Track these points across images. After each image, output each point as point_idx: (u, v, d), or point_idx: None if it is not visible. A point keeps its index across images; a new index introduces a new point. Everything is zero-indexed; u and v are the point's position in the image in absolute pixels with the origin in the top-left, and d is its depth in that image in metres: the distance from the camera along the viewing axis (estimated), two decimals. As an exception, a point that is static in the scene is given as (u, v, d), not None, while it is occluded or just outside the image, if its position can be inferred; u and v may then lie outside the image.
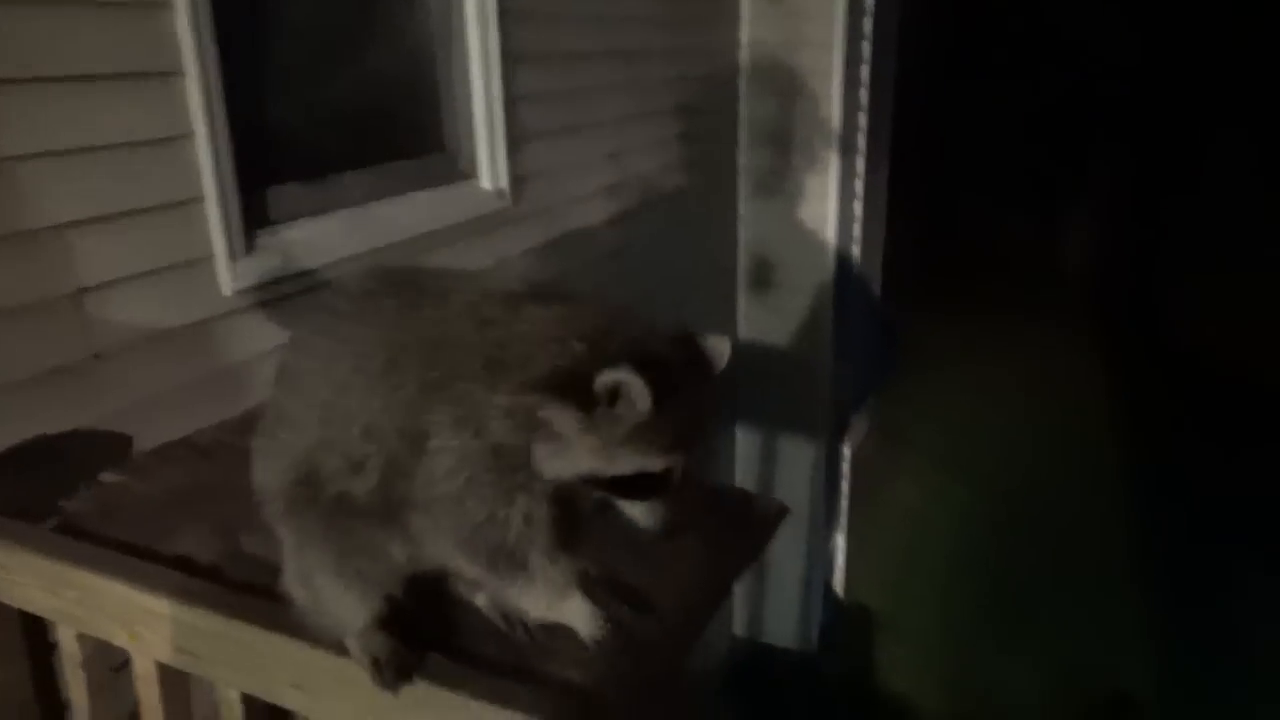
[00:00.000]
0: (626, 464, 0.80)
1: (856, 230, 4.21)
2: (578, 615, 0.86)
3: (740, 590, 4.04)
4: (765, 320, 3.90)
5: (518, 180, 2.38)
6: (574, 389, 0.76)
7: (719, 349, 0.86)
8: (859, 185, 4.07)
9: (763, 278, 3.84)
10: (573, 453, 0.79)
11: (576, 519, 0.89)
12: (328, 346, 0.91)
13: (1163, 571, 4.51)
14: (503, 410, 0.79)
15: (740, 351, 3.85)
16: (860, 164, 4.01)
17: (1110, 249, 8.05)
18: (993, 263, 7.94)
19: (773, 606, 4.07)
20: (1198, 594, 4.35)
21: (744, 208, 3.84)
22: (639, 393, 0.76)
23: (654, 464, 0.81)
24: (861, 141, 3.96)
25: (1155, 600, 4.34)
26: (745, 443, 3.95)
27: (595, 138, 2.88)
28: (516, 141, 2.36)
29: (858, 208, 4.15)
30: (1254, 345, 6.24)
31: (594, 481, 0.81)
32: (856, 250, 4.22)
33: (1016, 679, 3.98)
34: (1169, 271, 7.46)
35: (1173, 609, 4.28)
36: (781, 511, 1.24)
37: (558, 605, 0.86)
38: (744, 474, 3.93)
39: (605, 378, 0.75)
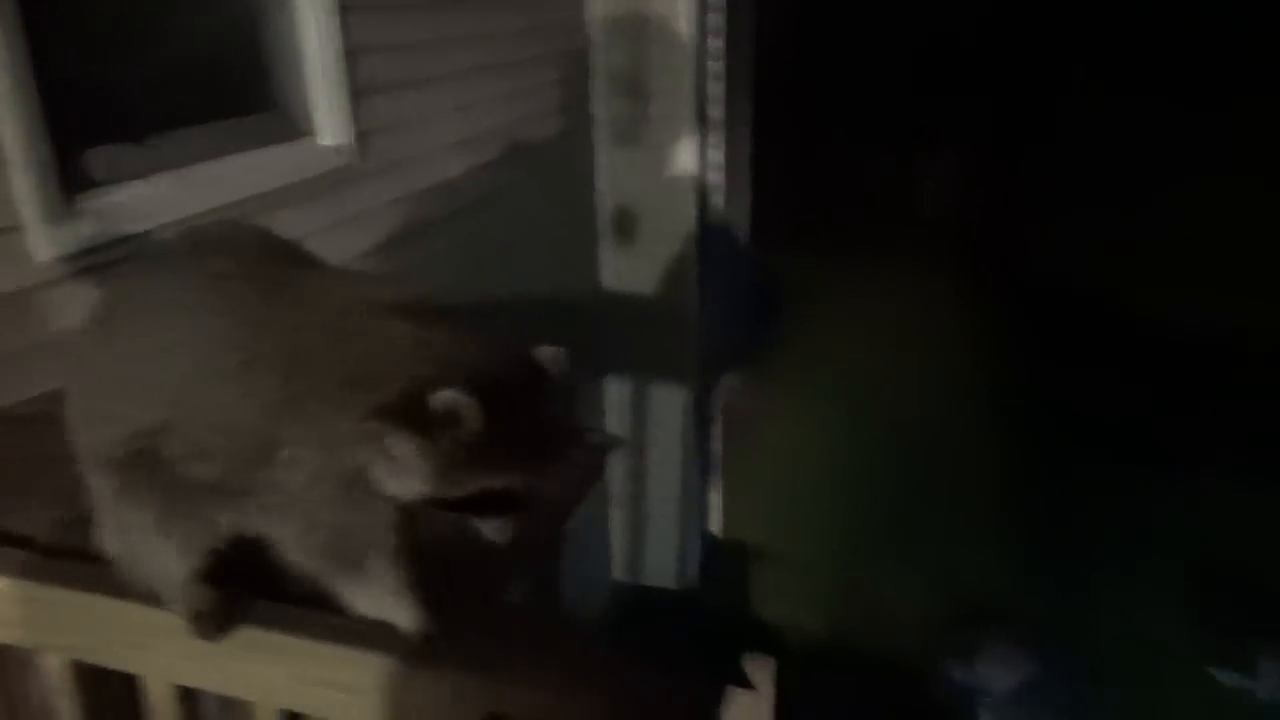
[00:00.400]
0: (466, 486, 0.82)
1: (720, 177, 4.28)
2: (406, 620, 0.88)
3: (618, 537, 4.14)
4: (630, 270, 3.95)
5: (364, 135, 2.33)
6: (413, 414, 0.79)
7: (554, 359, 0.89)
8: (720, 132, 4.14)
9: (625, 228, 3.89)
10: (413, 477, 0.81)
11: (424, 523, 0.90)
12: (175, 325, 0.89)
13: (1033, 487, 4.85)
14: (351, 435, 0.80)
15: (605, 302, 3.94)
16: (720, 110, 4.07)
17: (979, 186, 8.39)
18: (865, 203, 8.20)
19: (652, 550, 4.19)
20: (1066, 506, 4.69)
21: (603, 158, 3.85)
22: (472, 414, 0.78)
23: (494, 483, 0.83)
24: (719, 88, 4.01)
25: (1026, 514, 4.67)
26: (615, 392, 4.01)
27: (446, 90, 2.84)
28: (360, 95, 2.31)
29: (720, 154, 4.21)
30: (1112, 275, 6.67)
31: (439, 503, 0.84)
32: (721, 197, 4.30)
33: (896, 594, 4.24)
34: (1032, 207, 7.85)
35: (1042, 520, 4.62)
36: (610, 442, 1.29)
37: (388, 609, 0.88)
38: (614, 423, 4.00)
39: (438, 401, 0.78)
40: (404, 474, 0.80)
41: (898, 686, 3.78)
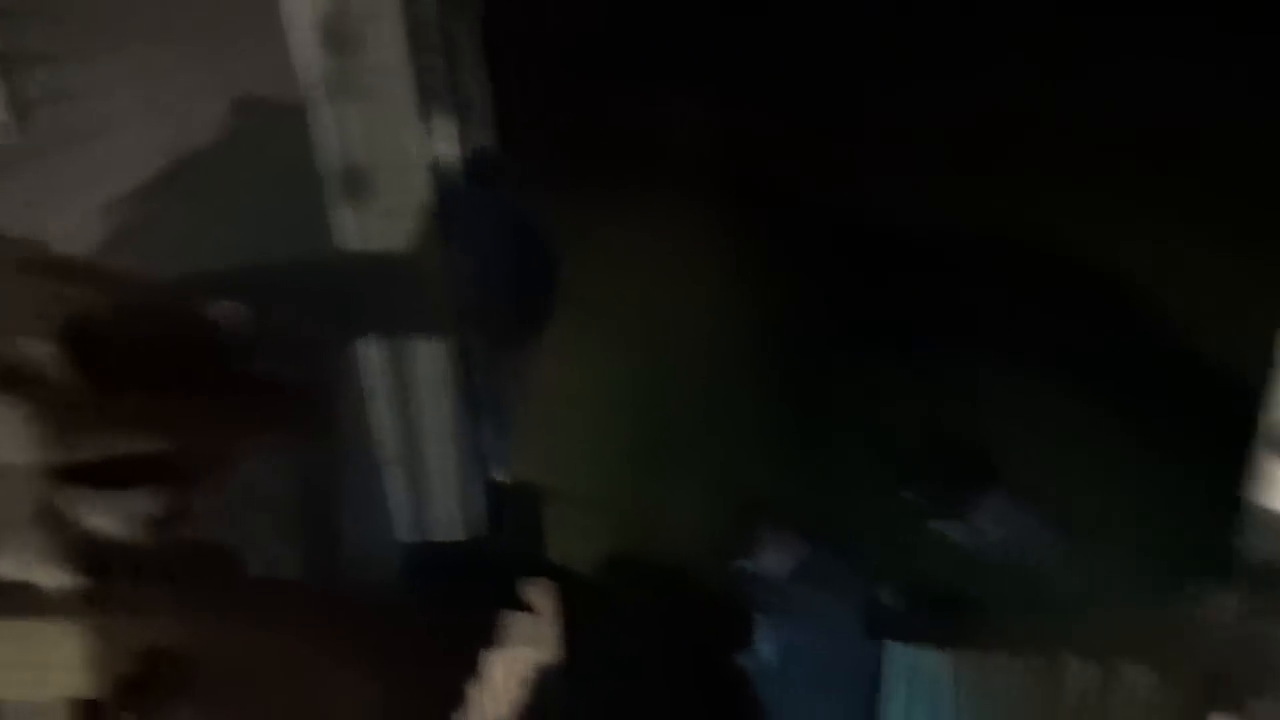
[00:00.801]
0: (92, 448, 0.79)
1: (455, 125, 4.22)
2: (51, 580, 0.84)
3: (399, 497, 4.09)
4: (370, 228, 3.83)
5: (24, 108, 2.14)
6: (17, 377, 0.74)
7: (227, 315, 0.86)
8: (450, 76, 4.06)
9: (358, 186, 3.76)
10: (17, 441, 0.77)
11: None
12: None
13: (793, 388, 5.18)
14: None
15: (347, 262, 3.82)
16: (440, 56, 3.99)
17: (729, 114, 8.63)
18: (617, 138, 8.27)
19: (436, 505, 4.17)
20: (822, 401, 5.05)
21: (322, 114, 3.69)
22: (68, 374, 0.75)
23: (133, 445, 0.80)
24: (436, 34, 3.94)
25: (789, 413, 5.00)
26: (374, 357, 3.92)
27: (132, 53, 2.64)
28: (16, 65, 2.11)
29: (451, 101, 4.15)
30: (855, 186, 7.07)
31: (62, 472, 0.80)
32: (462, 145, 4.24)
33: (680, 509, 4.45)
34: (778, 129, 8.19)
35: (804, 417, 4.96)
36: (313, 393, 1.28)
37: (32, 573, 0.84)
38: (376, 387, 3.92)
39: (32, 362, 0.74)
40: (15, 438, 0.77)
41: (688, 588, 4.01)
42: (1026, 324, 5.53)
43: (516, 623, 2.05)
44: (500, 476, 4.68)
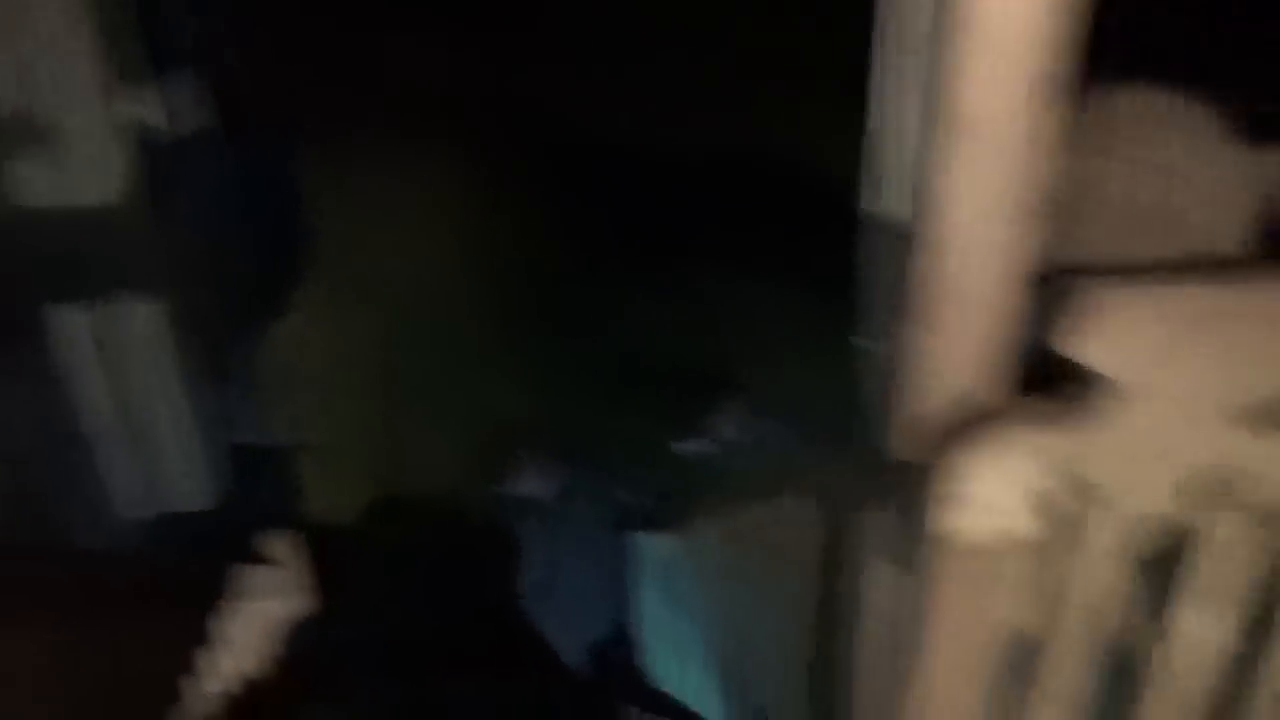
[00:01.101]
0: None
1: (162, 70, 3.92)
2: None
3: (130, 465, 3.85)
4: (60, 183, 3.51)
5: None
6: None
7: None
8: (152, 14, 3.75)
9: (27, 135, 3.42)
10: None
11: None
12: None
13: (550, 318, 5.23)
14: None
15: (38, 222, 3.49)
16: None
17: (485, 54, 8.40)
18: (362, 80, 7.87)
19: (172, 473, 3.98)
20: (580, 330, 5.13)
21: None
22: None
23: None
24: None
25: (546, 344, 5.05)
26: (74, 323, 3.63)
27: None
28: None
29: (157, 41, 3.84)
30: (611, 117, 7.07)
31: None
32: (170, 93, 3.96)
33: (439, 450, 4.44)
34: (517, 64, 8.07)
35: (560, 347, 5.03)
36: None
37: None
38: (78, 359, 3.64)
39: None
40: None
41: (451, 523, 4.06)
42: (719, 227, 5.78)
43: (259, 576, 2.03)
44: (245, 438, 4.48)
